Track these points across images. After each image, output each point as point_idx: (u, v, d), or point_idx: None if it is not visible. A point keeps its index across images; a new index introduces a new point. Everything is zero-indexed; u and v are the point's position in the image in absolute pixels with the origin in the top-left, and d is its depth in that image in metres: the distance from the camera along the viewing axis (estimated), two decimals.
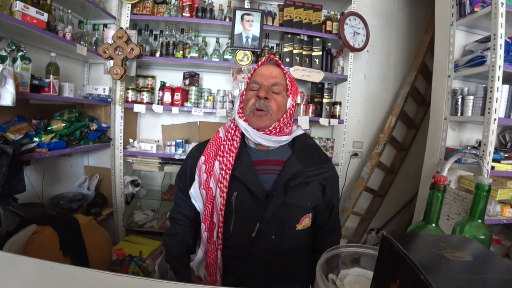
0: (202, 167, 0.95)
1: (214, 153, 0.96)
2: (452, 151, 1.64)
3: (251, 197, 0.88)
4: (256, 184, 0.89)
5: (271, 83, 0.93)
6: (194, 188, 0.96)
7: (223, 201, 0.89)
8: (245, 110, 0.95)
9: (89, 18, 2.13)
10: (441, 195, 0.62)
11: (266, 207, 0.87)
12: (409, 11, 2.59)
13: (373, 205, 2.71)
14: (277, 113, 0.92)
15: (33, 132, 1.68)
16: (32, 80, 1.57)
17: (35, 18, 1.51)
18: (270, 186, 0.91)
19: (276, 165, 0.93)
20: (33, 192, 1.83)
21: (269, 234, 0.88)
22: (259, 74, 0.95)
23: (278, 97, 0.93)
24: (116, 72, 1.96)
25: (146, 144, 2.24)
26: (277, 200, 0.87)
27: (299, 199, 0.90)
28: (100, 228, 1.62)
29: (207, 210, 0.92)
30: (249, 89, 0.96)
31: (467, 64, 1.55)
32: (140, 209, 2.45)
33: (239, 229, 0.90)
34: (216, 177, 0.92)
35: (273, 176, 0.92)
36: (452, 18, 1.62)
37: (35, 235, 1.33)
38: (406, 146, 2.68)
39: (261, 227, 0.87)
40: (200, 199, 0.95)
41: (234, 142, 0.95)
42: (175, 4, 2.14)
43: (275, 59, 0.98)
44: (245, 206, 0.89)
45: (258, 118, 0.91)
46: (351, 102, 2.33)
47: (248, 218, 0.89)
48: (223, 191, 0.89)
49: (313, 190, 0.93)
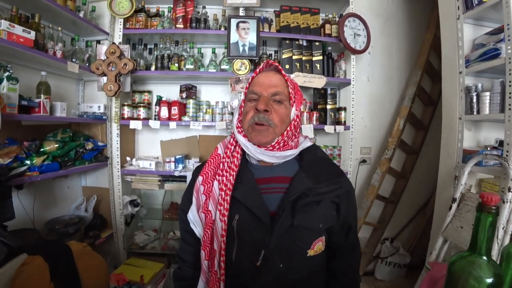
0: (200, 188, 0.85)
1: (212, 172, 0.86)
2: (470, 153, 1.52)
3: (255, 220, 0.77)
4: (259, 205, 0.78)
5: (271, 92, 0.83)
6: (192, 211, 0.85)
7: (224, 226, 0.78)
8: (243, 124, 0.85)
9: (82, 35, 2.08)
10: (492, 219, 0.50)
11: (271, 231, 0.76)
12: (408, 9, 2.51)
13: (386, 213, 2.57)
14: (280, 126, 0.82)
15: (24, 155, 1.60)
16: (21, 101, 1.50)
17: (22, 36, 1.45)
18: (275, 207, 0.80)
19: (282, 182, 0.82)
20: (27, 218, 1.75)
21: (276, 262, 0.76)
22: (257, 83, 0.85)
23: (280, 108, 0.83)
24: (110, 89, 1.90)
25: (145, 161, 2.15)
26: (284, 223, 0.76)
27: (309, 221, 0.79)
28: (95, 255, 1.51)
29: (207, 235, 0.81)
30: (247, 101, 0.86)
31: (479, 59, 1.45)
32: (141, 229, 2.34)
33: (242, 257, 0.78)
34: (215, 199, 0.82)
35: (279, 195, 0.81)
36: (458, 11, 1.53)
37: (24, 266, 1.23)
38: (416, 149, 2.56)
39: (267, 254, 0.75)
40: (199, 223, 0.84)
41: (235, 159, 0.85)
42: (168, 16, 2.09)
43: (274, 64, 0.88)
44: (248, 231, 0.78)
45: (258, 133, 0.81)
46: (356, 106, 2.23)
47: (252, 244, 0.77)
48: (223, 214, 0.78)
49: (325, 210, 0.82)
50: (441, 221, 1.52)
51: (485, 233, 0.51)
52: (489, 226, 0.50)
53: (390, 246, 2.50)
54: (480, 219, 0.51)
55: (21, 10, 1.58)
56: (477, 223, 0.51)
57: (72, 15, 1.80)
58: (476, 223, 0.51)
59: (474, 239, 0.52)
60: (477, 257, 0.52)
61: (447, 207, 1.51)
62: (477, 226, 0.51)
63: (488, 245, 0.51)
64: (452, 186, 1.64)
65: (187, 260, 0.90)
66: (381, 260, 2.46)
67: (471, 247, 0.52)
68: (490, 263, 0.51)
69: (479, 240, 0.51)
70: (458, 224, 1.43)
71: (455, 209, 1.46)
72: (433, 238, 1.72)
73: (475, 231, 0.52)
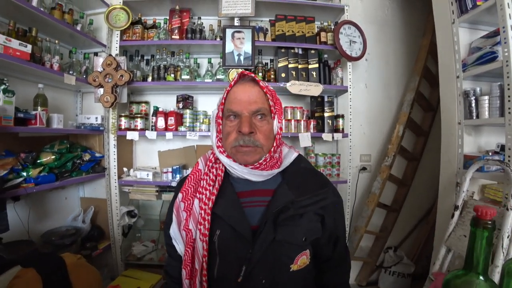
0: (180, 205, 0.82)
1: (193, 189, 0.82)
2: (471, 158, 1.48)
3: (236, 236, 0.74)
4: (239, 220, 0.75)
5: (252, 110, 0.77)
6: (173, 228, 0.82)
7: (206, 246, 0.74)
8: (225, 146, 0.80)
9: (80, 47, 2.11)
10: (488, 234, 0.46)
11: (253, 246, 0.73)
12: (404, 16, 2.51)
13: (388, 221, 2.51)
14: (266, 144, 0.78)
15: (20, 167, 1.60)
16: (17, 113, 1.51)
17: (18, 50, 1.47)
18: (257, 221, 0.76)
19: (264, 195, 0.79)
20: (23, 229, 1.73)
21: (258, 279, 0.73)
22: (234, 99, 0.78)
23: (263, 124, 0.78)
24: (106, 100, 1.91)
25: (142, 172, 2.14)
26: (266, 238, 0.73)
27: (291, 235, 0.75)
28: (90, 267, 1.48)
29: (187, 254, 0.77)
30: (226, 119, 0.80)
31: (476, 62, 1.43)
32: (139, 240, 2.31)
33: (224, 273, 0.75)
34: (196, 217, 0.78)
35: (261, 208, 0.77)
36: (453, 15, 1.52)
37: (16, 279, 1.21)
38: (417, 155, 2.51)
39: (249, 270, 0.72)
40: (181, 240, 0.81)
41: (219, 177, 0.81)
42: (164, 27, 2.11)
43: (250, 75, 0.81)
44: (229, 246, 0.75)
45: (244, 153, 0.77)
46: (354, 114, 2.21)
47: (234, 260, 0.74)
48: (204, 234, 0.75)
49: (309, 223, 0.78)
50: (444, 229, 1.47)
51: (482, 250, 0.47)
52: (486, 242, 0.46)
53: (394, 255, 2.43)
54: (475, 234, 0.47)
55: (19, 24, 1.61)
56: (472, 239, 0.48)
57: (69, 28, 1.82)
58: (471, 239, 0.48)
59: (470, 256, 0.48)
60: (473, 276, 0.48)
61: (449, 215, 1.46)
62: (473, 242, 0.47)
63: (485, 262, 0.47)
64: (454, 193, 1.59)
65: (173, 276, 0.87)
66: (384, 270, 2.39)
67: (467, 265, 0.49)
68: (488, 283, 0.47)
69: (475, 257, 0.47)
70: (461, 233, 1.38)
71: (457, 217, 1.41)
72: (436, 248, 1.66)
73: (470, 248, 0.48)
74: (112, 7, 2.02)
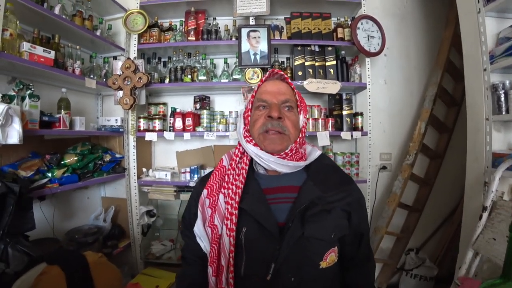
0: (205, 201, 0.83)
1: (218, 185, 0.84)
2: (501, 156, 1.39)
3: (263, 232, 0.74)
4: (267, 216, 0.75)
5: (281, 100, 0.82)
6: (197, 226, 0.83)
7: (233, 241, 0.75)
8: (253, 133, 0.83)
9: (99, 52, 2.18)
10: None
11: (281, 243, 0.72)
12: (424, 7, 2.41)
13: (409, 222, 2.42)
14: (293, 133, 0.81)
15: (45, 168, 1.67)
16: (42, 117, 1.58)
17: (42, 56, 1.54)
18: (284, 218, 0.76)
19: (290, 192, 0.79)
20: (49, 228, 1.81)
21: (287, 276, 0.72)
22: (265, 91, 0.84)
23: (291, 114, 0.83)
24: (125, 102, 1.96)
25: (161, 172, 2.18)
26: (294, 234, 0.72)
27: (320, 231, 0.75)
28: (111, 265, 1.53)
29: (213, 251, 0.78)
30: (255, 109, 0.84)
31: (505, 54, 1.34)
32: (158, 239, 2.36)
33: (251, 271, 0.75)
34: (221, 212, 0.79)
35: (287, 205, 0.77)
36: (479, 4, 1.43)
37: (42, 276, 1.27)
38: (440, 153, 2.41)
39: (277, 267, 0.72)
40: (206, 238, 0.81)
41: (243, 171, 0.82)
42: (180, 29, 2.14)
43: (280, 73, 0.87)
44: (256, 243, 0.75)
45: (272, 141, 0.79)
46: (374, 111, 2.14)
47: (261, 257, 0.74)
48: (231, 229, 0.75)
49: (337, 219, 0.78)
50: (470, 232, 1.39)
51: None
52: None
53: (415, 257, 2.34)
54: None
55: (42, 31, 1.67)
56: (510, 245, 0.44)
57: (89, 34, 1.88)
58: (510, 245, 0.44)
59: (508, 263, 0.44)
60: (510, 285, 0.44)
61: (476, 217, 1.38)
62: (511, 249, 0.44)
63: None
64: (481, 194, 1.51)
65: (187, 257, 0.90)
66: (405, 273, 2.30)
67: (505, 274, 0.45)
68: None
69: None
70: (490, 236, 1.30)
71: (486, 219, 1.33)
72: (462, 251, 1.58)
73: (508, 254, 0.44)
74: (129, 12, 2.07)
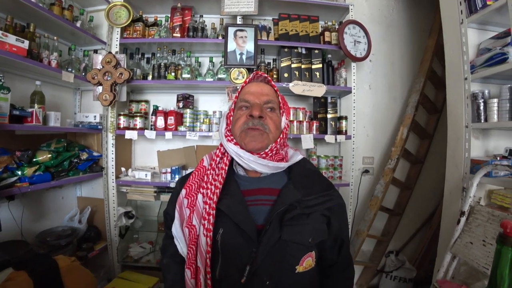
0: (183, 201, 0.81)
1: (197, 185, 0.82)
2: (479, 163, 1.44)
3: (240, 234, 0.72)
4: (245, 218, 0.73)
5: (264, 100, 0.83)
6: (175, 226, 0.80)
7: (209, 241, 0.73)
8: (234, 132, 0.82)
9: (79, 44, 2.08)
10: None
11: (258, 245, 0.70)
12: (409, 16, 2.47)
13: (390, 225, 2.46)
14: (274, 132, 0.81)
15: (15, 165, 1.57)
16: (12, 111, 1.47)
17: (15, 46, 1.44)
18: (262, 220, 0.75)
19: (270, 194, 0.78)
20: (18, 229, 1.69)
21: (262, 280, 0.71)
22: (248, 92, 0.85)
23: (273, 115, 0.83)
24: (105, 98, 1.87)
25: (141, 172, 2.10)
26: (271, 237, 0.71)
27: (298, 235, 0.73)
28: (84, 270, 1.45)
29: (191, 252, 0.75)
30: (237, 109, 0.84)
31: (485, 64, 1.38)
32: (136, 241, 2.27)
33: (226, 274, 0.73)
34: (199, 212, 0.77)
35: (266, 207, 0.76)
36: (462, 15, 1.48)
37: (7, 282, 1.18)
38: (420, 158, 2.47)
39: (253, 270, 0.70)
40: (183, 239, 0.79)
41: (222, 171, 0.81)
42: (165, 25, 2.07)
43: (264, 75, 0.88)
44: (232, 245, 0.73)
45: (252, 138, 0.78)
46: (358, 115, 2.17)
47: (237, 259, 0.72)
48: (208, 229, 0.73)
49: (315, 223, 0.77)
50: (449, 236, 1.42)
51: (509, 269, 0.43)
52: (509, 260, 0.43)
53: (395, 259, 2.38)
54: (501, 253, 0.43)
55: (17, 19, 1.57)
56: (497, 257, 0.44)
57: (69, 25, 1.79)
58: (496, 257, 0.44)
59: (494, 275, 0.44)
60: None
61: (454, 221, 1.41)
62: (497, 261, 0.44)
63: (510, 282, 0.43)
64: (459, 199, 1.55)
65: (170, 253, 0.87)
66: (385, 274, 2.34)
67: (491, 285, 0.45)
68: None
69: (498, 276, 0.43)
70: (468, 240, 1.33)
71: (463, 223, 1.37)
72: (440, 254, 1.62)
73: (495, 266, 0.44)
74: (112, 4, 1.98)
